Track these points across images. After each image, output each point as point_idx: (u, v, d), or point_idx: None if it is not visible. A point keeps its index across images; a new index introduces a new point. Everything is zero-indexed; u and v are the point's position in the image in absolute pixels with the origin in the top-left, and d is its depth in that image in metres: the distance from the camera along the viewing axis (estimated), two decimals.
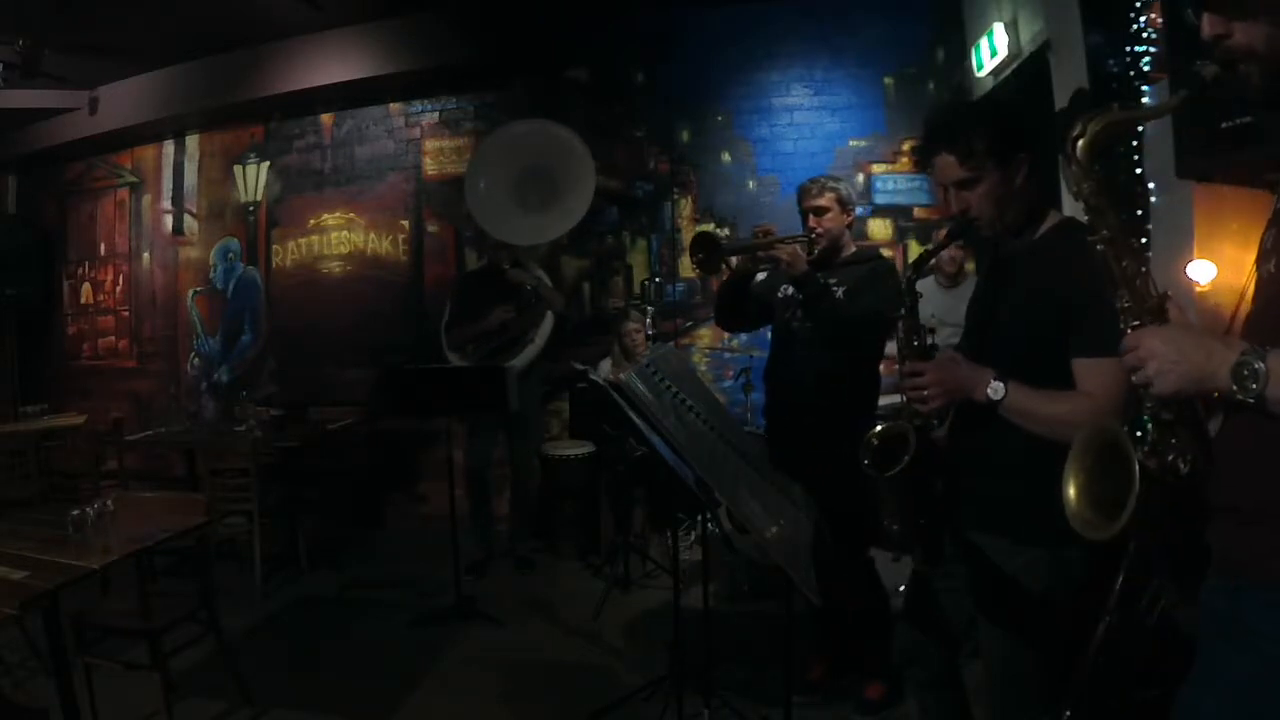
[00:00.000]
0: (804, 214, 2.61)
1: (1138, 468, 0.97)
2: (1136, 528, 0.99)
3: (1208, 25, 0.99)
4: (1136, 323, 1.05)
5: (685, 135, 4.96)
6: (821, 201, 2.56)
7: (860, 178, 4.70)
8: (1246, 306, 1.04)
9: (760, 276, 2.74)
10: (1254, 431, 0.93)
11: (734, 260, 2.65)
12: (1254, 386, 0.88)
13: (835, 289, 2.52)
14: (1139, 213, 2.61)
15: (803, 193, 2.61)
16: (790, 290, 2.56)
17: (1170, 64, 2.40)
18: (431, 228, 5.30)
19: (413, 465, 5.26)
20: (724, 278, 2.74)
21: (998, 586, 1.56)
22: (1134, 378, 1.00)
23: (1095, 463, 1.07)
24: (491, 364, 3.97)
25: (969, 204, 1.57)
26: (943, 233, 1.73)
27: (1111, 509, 1.00)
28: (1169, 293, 1.07)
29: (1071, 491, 1.08)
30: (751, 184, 4.89)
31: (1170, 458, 1.01)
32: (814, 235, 2.55)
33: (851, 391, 2.54)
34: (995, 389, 1.46)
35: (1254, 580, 0.94)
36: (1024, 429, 1.46)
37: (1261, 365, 0.87)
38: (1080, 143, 1.10)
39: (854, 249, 2.68)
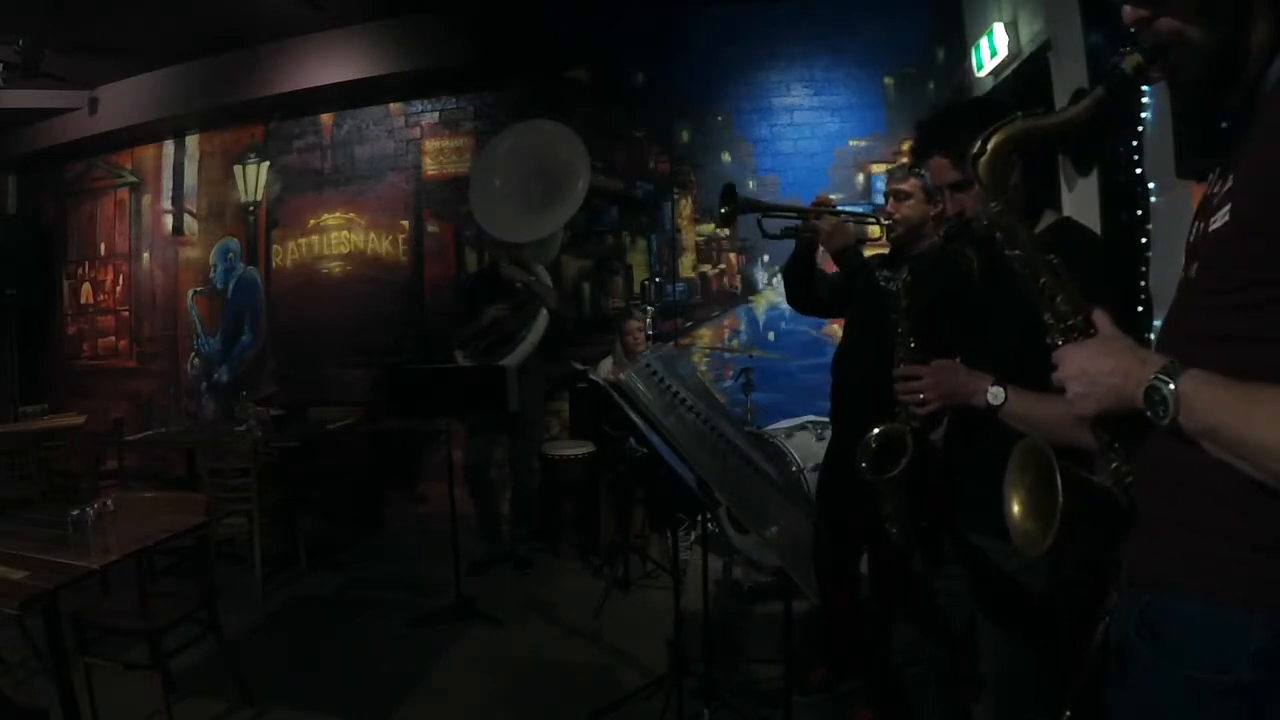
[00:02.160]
0: (885, 197, 2.48)
1: (1059, 478, 0.95)
2: (1073, 543, 0.97)
3: (1129, 12, 0.94)
4: (1062, 341, 1.02)
5: (685, 135, 4.96)
6: (904, 186, 2.40)
7: (860, 178, 4.70)
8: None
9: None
10: (1175, 449, 0.90)
11: (765, 223, 2.56)
12: (1163, 412, 0.84)
13: (893, 280, 2.42)
14: (1139, 213, 2.61)
15: (889, 175, 2.53)
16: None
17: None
18: (431, 228, 5.30)
19: (413, 465, 5.26)
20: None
21: (998, 587, 1.56)
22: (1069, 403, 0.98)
23: (1034, 479, 1.05)
24: (487, 362, 3.97)
25: (964, 205, 1.58)
26: (939, 235, 1.73)
27: (1047, 520, 0.99)
28: (1094, 308, 1.03)
29: (1015, 508, 1.07)
30: (751, 184, 4.89)
31: (1112, 465, 0.99)
32: (889, 220, 2.42)
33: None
34: (995, 394, 1.45)
35: (1166, 589, 0.92)
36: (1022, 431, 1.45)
37: (1171, 388, 0.84)
38: (982, 161, 1.06)
39: (932, 242, 2.47)
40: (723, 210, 2.58)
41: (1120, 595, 1.00)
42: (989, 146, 1.05)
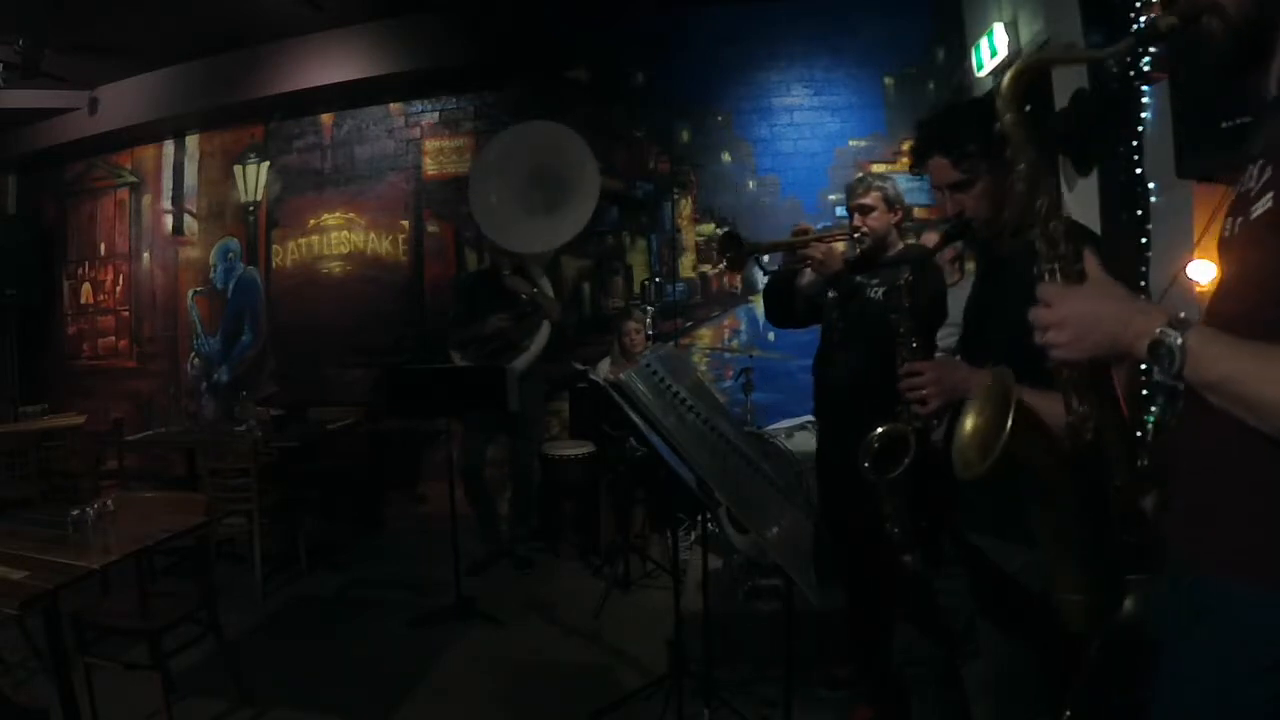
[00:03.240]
0: (850, 213, 2.58)
1: (1013, 413, 0.97)
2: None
3: None
4: (1051, 270, 1.01)
5: (685, 135, 4.96)
6: (867, 200, 2.52)
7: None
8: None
9: (809, 277, 2.72)
10: (1211, 430, 0.91)
11: (765, 258, 2.65)
12: (1170, 365, 0.83)
13: (875, 289, 2.48)
14: (1139, 213, 2.61)
15: (849, 191, 2.59)
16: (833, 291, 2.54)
17: (1170, 64, 2.40)
18: (431, 228, 5.30)
19: (413, 465, 5.26)
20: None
21: (998, 587, 1.56)
22: (1039, 337, 0.96)
23: (994, 411, 1.07)
24: (491, 364, 3.97)
25: (964, 205, 1.58)
26: (939, 234, 1.73)
27: (986, 450, 1.02)
28: (1087, 247, 1.03)
29: (967, 427, 1.11)
30: (751, 184, 4.89)
31: (1076, 422, 0.99)
32: (857, 234, 2.52)
33: (891, 391, 2.51)
34: None
35: (1214, 574, 0.92)
36: None
37: (1179, 341, 0.83)
38: (1009, 72, 1.07)
39: (901, 247, 2.61)
40: (728, 257, 2.63)
41: (1162, 577, 1.01)
42: (1022, 62, 1.08)
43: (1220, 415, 0.85)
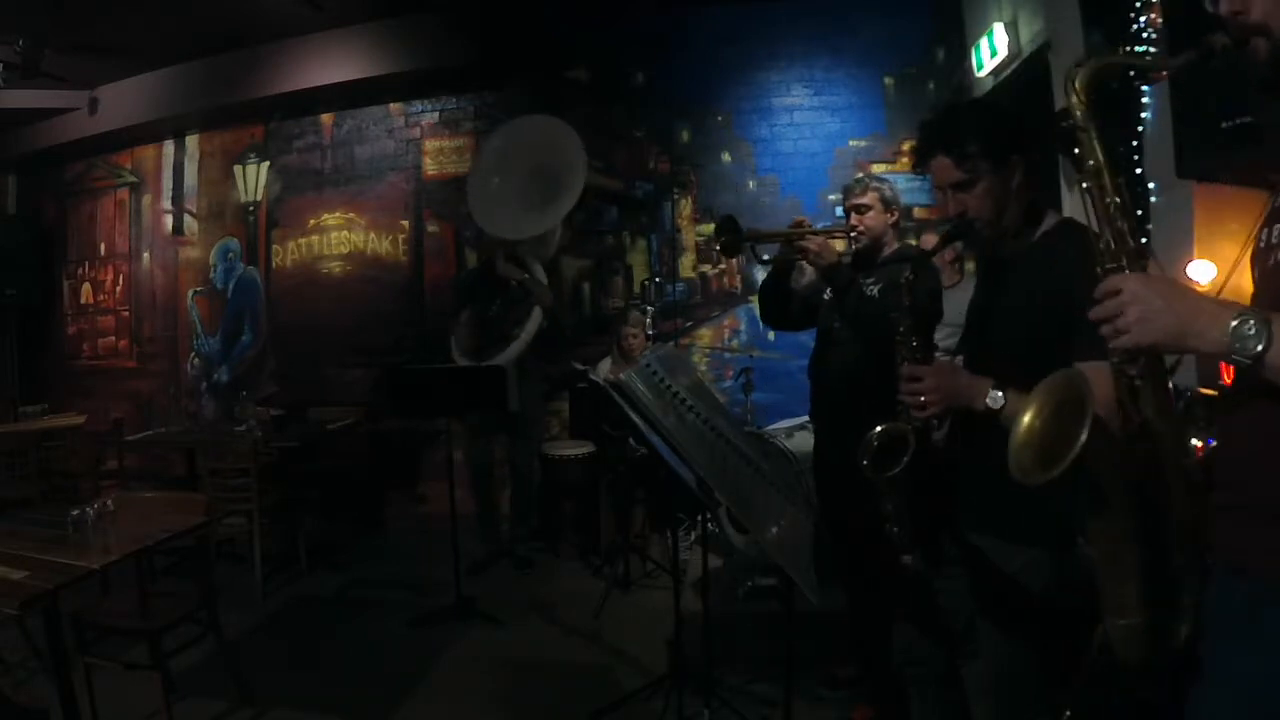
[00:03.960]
0: (847, 213, 2.58)
1: (1089, 420, 0.95)
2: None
3: (1225, 3, 0.98)
4: (1114, 265, 1.02)
5: (685, 135, 4.96)
6: (864, 200, 2.52)
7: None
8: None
9: (806, 277, 2.72)
10: (1267, 429, 0.92)
11: (759, 248, 2.66)
12: (1256, 347, 0.83)
13: (871, 287, 2.48)
14: (1139, 213, 2.61)
15: (846, 191, 2.59)
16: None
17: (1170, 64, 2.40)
18: (431, 228, 5.30)
19: (413, 465, 5.26)
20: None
21: (998, 587, 1.56)
22: (1105, 327, 0.96)
23: (1053, 412, 1.06)
24: (479, 360, 3.97)
25: (966, 205, 1.58)
26: (940, 234, 1.73)
27: (1051, 459, 1.00)
28: (1150, 252, 1.06)
29: (1024, 426, 1.08)
30: (751, 184, 4.89)
31: (1134, 418, 0.99)
32: (854, 233, 2.53)
33: (888, 390, 2.51)
34: (995, 398, 1.46)
35: (1270, 581, 0.92)
36: None
37: (1265, 325, 0.83)
38: (1081, 73, 1.10)
39: (897, 247, 2.60)
40: (723, 240, 2.63)
41: (1213, 578, 1.01)
42: (1091, 64, 1.10)
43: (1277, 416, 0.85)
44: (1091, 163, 1.08)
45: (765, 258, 2.74)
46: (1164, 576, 1.04)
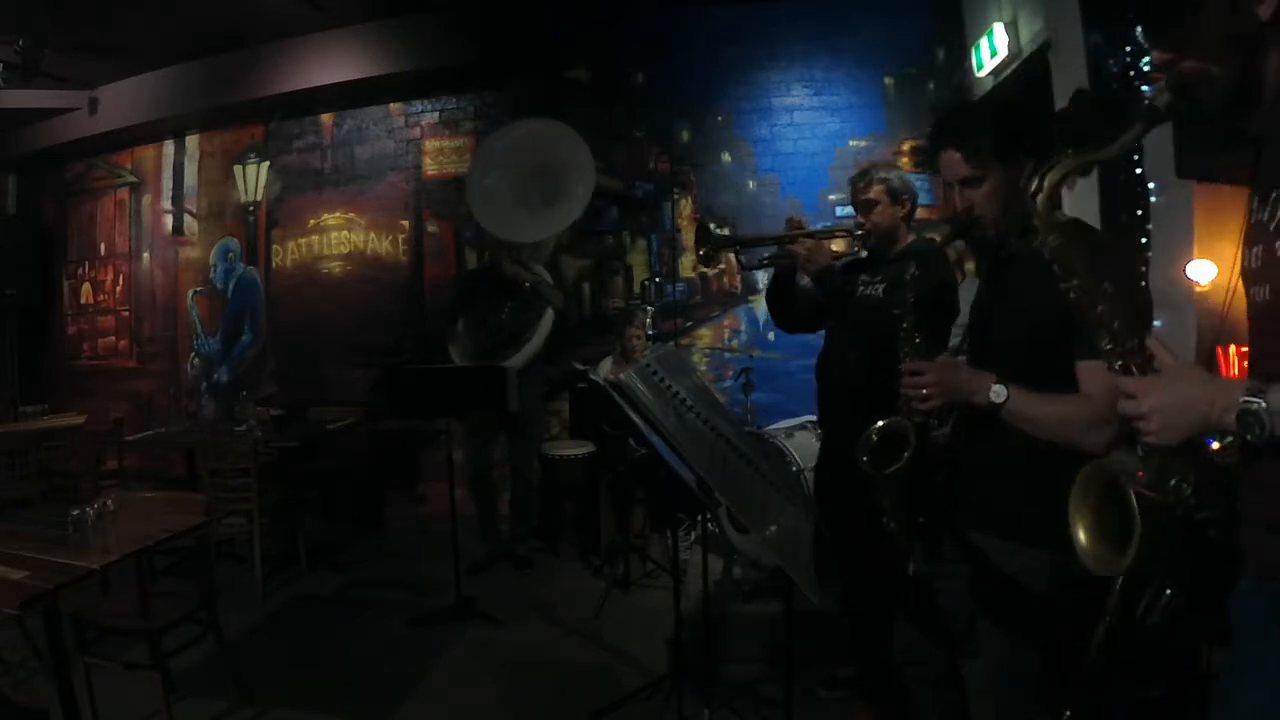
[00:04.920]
0: (855, 208, 2.50)
1: (1135, 503, 0.98)
2: (1148, 558, 0.99)
3: (1155, 55, 1.01)
4: (1121, 363, 1.05)
5: (685, 135, 4.96)
6: (869, 195, 2.41)
7: None
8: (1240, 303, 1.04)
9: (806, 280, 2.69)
10: None
11: (744, 255, 2.61)
12: (1260, 430, 0.88)
13: (876, 286, 2.41)
14: (1139, 213, 2.61)
15: (851, 185, 2.49)
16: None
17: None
18: (431, 228, 5.30)
19: (413, 465, 5.26)
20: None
21: (998, 587, 1.56)
22: (1134, 425, 1.00)
23: (1098, 501, 1.07)
24: (491, 363, 3.97)
25: (972, 202, 1.58)
26: (945, 230, 1.73)
27: (1120, 542, 1.01)
28: (1150, 335, 1.07)
29: (1081, 534, 1.08)
30: (751, 184, 4.89)
31: (1171, 483, 1.01)
32: (860, 232, 2.44)
33: (888, 391, 2.48)
34: (997, 393, 1.46)
35: None
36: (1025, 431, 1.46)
37: (1263, 405, 0.87)
38: (1039, 198, 1.10)
39: (911, 240, 2.46)
40: (700, 252, 2.59)
41: (1244, 581, 1.03)
42: (1045, 184, 1.10)
43: None
44: (1076, 281, 1.10)
45: (750, 265, 2.69)
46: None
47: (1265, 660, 0.98)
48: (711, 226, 2.62)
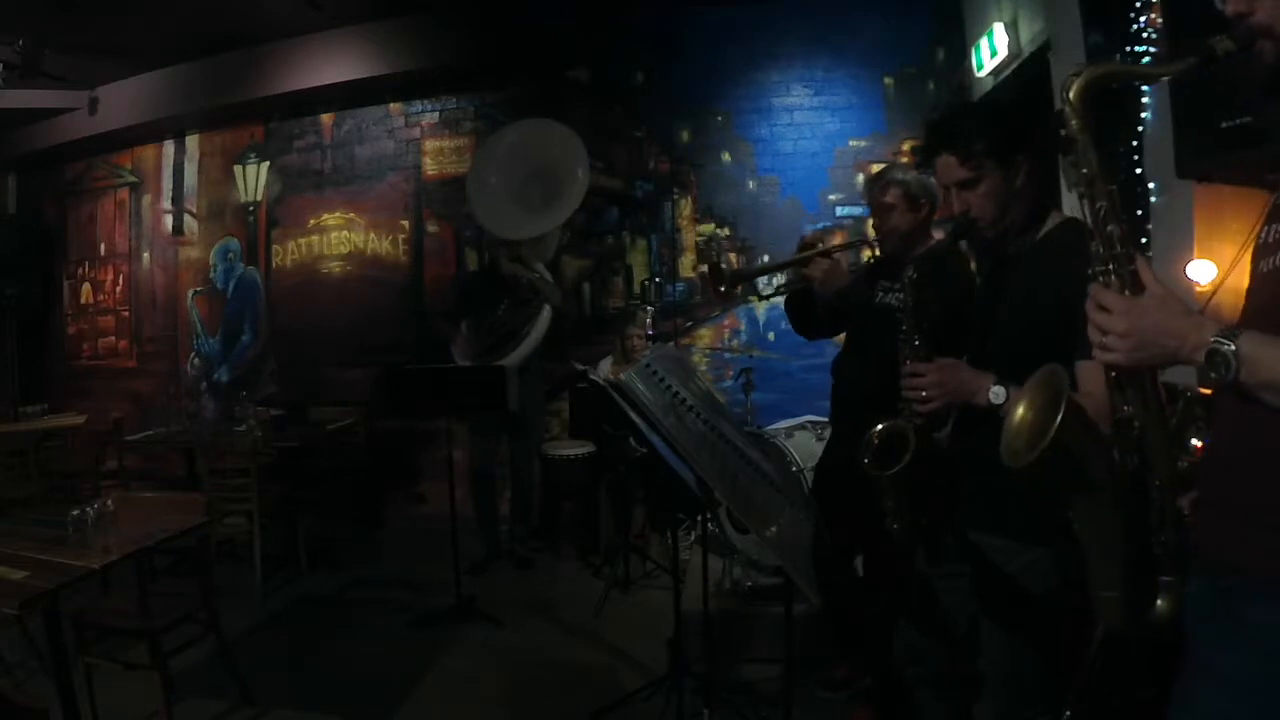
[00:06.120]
0: (871, 211, 2.47)
1: (1064, 406, 1.01)
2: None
3: (1232, 3, 0.99)
4: (1104, 269, 1.04)
5: (685, 135, 4.96)
6: (886, 199, 2.35)
7: (860, 178, 4.70)
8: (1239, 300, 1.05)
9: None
10: (1255, 434, 0.93)
11: (760, 282, 2.61)
12: (1225, 371, 0.90)
13: (893, 294, 2.34)
14: (1139, 213, 2.61)
15: (867, 187, 2.45)
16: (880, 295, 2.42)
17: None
18: (431, 228, 5.30)
19: (413, 465, 5.26)
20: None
21: (999, 586, 1.56)
22: (1094, 338, 1.01)
23: (1044, 400, 1.10)
24: (490, 361, 3.97)
25: (970, 204, 1.58)
26: (945, 234, 1.73)
27: (1034, 443, 1.05)
28: (1141, 255, 1.06)
29: (1016, 416, 1.14)
30: (751, 184, 4.89)
31: (1118, 414, 1.04)
32: (874, 240, 2.41)
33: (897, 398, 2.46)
34: (996, 394, 1.46)
35: (1254, 578, 0.94)
36: None
37: (1232, 349, 0.89)
38: (1076, 82, 1.10)
39: (932, 244, 2.37)
40: (720, 289, 2.59)
41: (1196, 579, 1.04)
42: (1085, 74, 1.09)
43: (1272, 420, 0.89)
44: (1085, 170, 1.09)
45: (765, 293, 2.69)
46: (1145, 556, 1.08)
47: (1216, 662, 0.97)
48: (722, 266, 2.61)
